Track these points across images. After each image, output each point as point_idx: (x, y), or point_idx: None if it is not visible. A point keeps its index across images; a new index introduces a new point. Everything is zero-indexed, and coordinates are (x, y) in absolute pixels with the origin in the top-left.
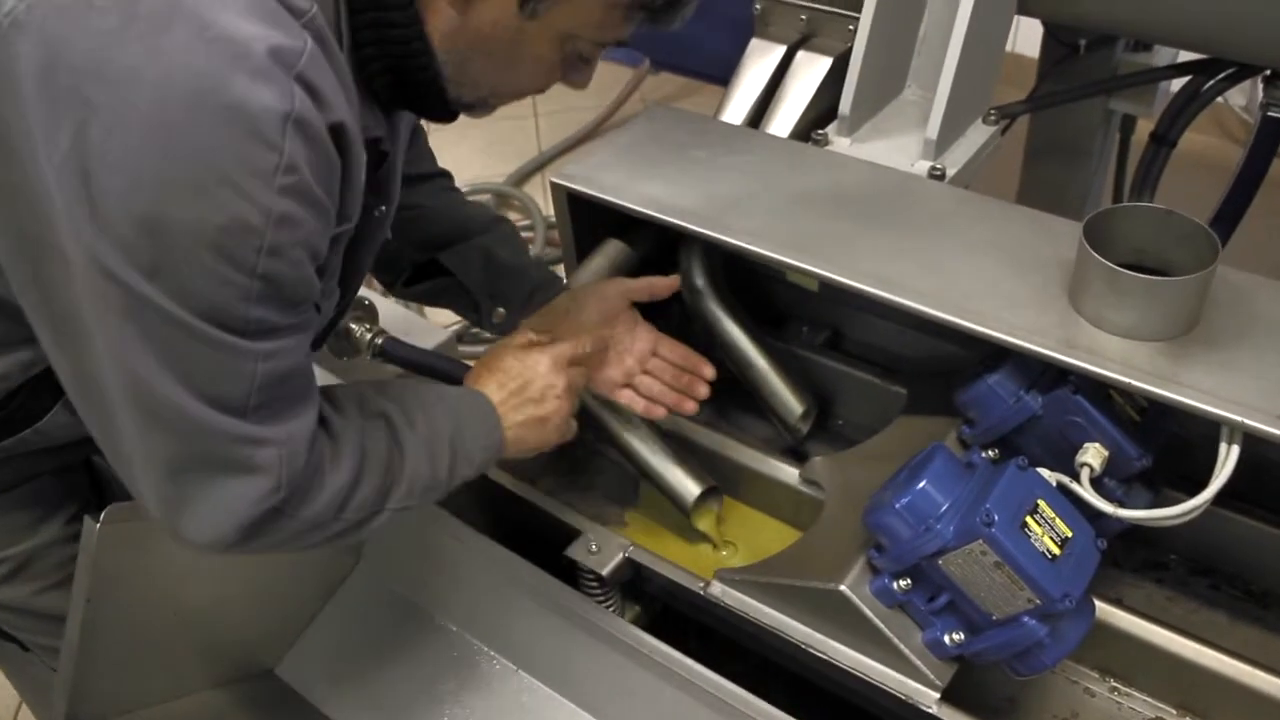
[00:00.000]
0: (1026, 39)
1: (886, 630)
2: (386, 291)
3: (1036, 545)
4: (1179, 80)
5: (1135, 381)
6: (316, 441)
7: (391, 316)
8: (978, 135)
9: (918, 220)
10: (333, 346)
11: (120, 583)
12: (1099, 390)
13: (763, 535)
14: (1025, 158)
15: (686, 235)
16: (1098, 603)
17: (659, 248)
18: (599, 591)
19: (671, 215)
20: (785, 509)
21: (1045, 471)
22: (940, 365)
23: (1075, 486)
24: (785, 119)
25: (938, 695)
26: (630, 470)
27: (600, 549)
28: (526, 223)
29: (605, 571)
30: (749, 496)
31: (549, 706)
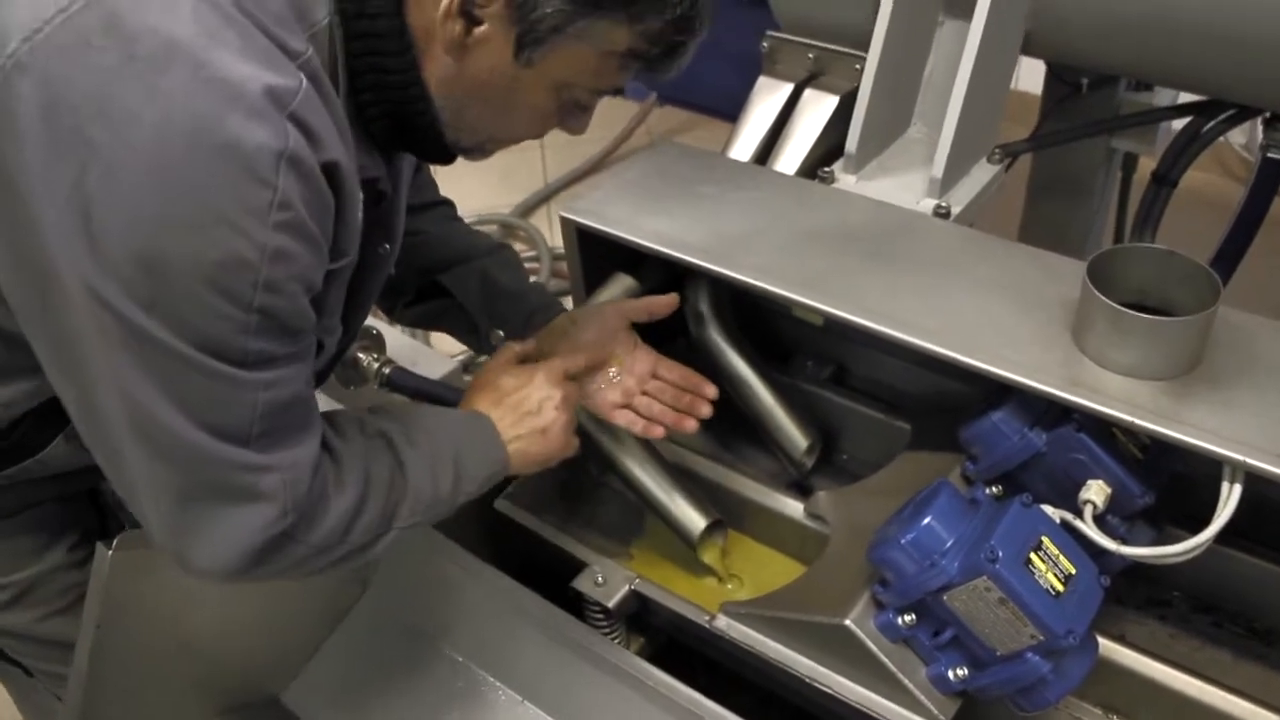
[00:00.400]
0: (1029, 76)
1: (891, 665)
2: (387, 317)
3: (1040, 581)
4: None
5: (1139, 420)
6: (320, 466)
7: (398, 346)
8: (982, 174)
9: (923, 258)
10: (340, 376)
11: (130, 609)
12: (1102, 428)
13: (767, 569)
14: (1028, 195)
15: (694, 270)
16: (1101, 639)
17: (666, 282)
18: (604, 623)
19: (679, 250)
20: (790, 543)
21: (1049, 508)
22: (944, 402)
23: (1079, 523)
24: (792, 156)
25: None
26: (636, 503)
27: (606, 581)
28: (532, 254)
29: (611, 604)
30: (754, 530)
31: None
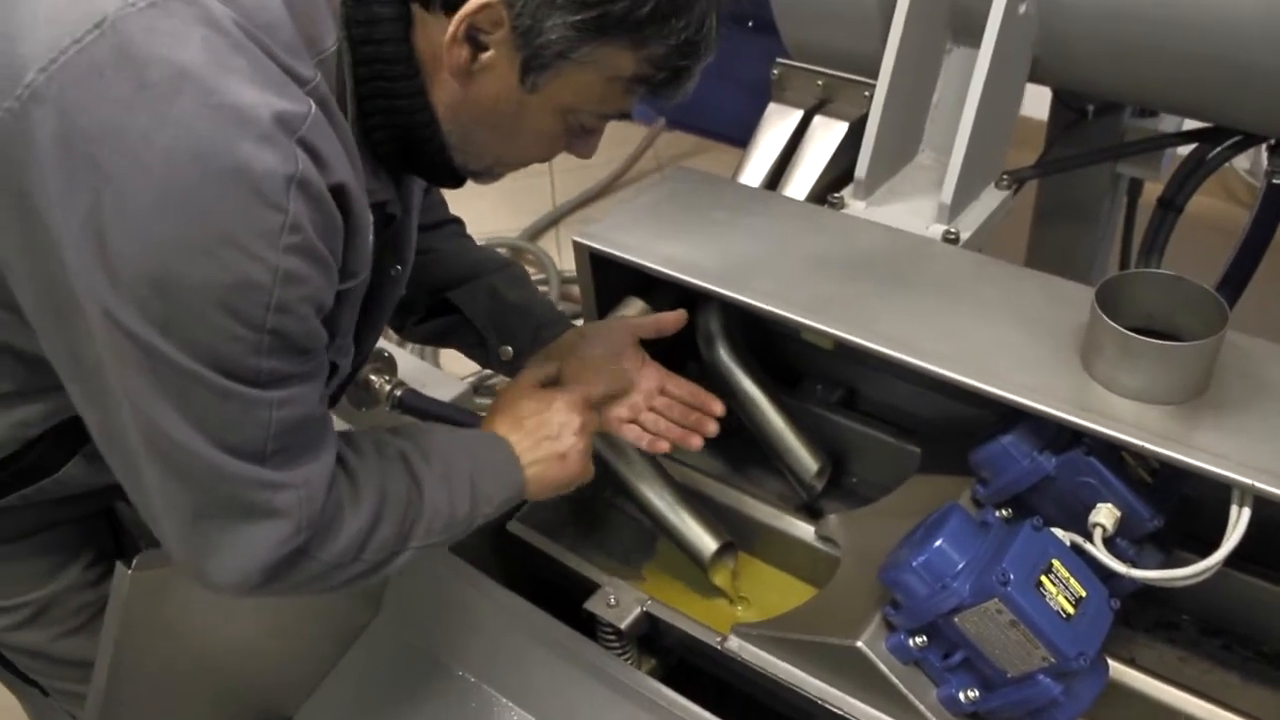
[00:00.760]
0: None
1: (902, 687)
2: (397, 334)
3: (1051, 604)
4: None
5: (1148, 444)
6: (335, 483)
7: (408, 368)
8: (990, 199)
9: (932, 283)
10: (352, 397)
11: (148, 629)
12: (1111, 452)
13: (778, 591)
14: (1034, 220)
15: (705, 294)
16: (1110, 662)
17: (678, 306)
18: (616, 644)
19: (691, 275)
20: (801, 565)
21: (1059, 531)
22: (954, 425)
23: (1088, 546)
24: (802, 182)
25: None
26: (647, 525)
27: (619, 602)
28: (541, 277)
29: (624, 625)
30: (764, 553)
31: None
